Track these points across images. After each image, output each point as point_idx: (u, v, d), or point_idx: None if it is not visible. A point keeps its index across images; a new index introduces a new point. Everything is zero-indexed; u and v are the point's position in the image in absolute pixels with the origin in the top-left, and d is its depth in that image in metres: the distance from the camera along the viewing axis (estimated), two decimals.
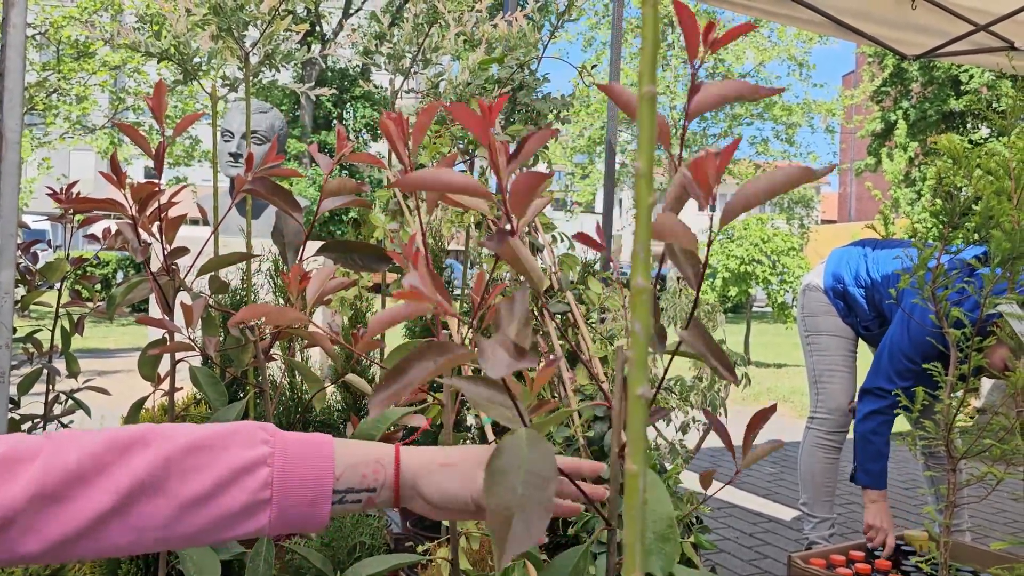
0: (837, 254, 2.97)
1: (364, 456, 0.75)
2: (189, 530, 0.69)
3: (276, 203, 1.26)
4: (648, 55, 0.35)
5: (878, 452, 2.47)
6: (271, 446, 0.71)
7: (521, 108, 2.05)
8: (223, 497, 0.69)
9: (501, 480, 0.60)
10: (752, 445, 0.86)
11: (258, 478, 0.70)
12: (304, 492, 0.72)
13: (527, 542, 0.55)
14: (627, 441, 0.33)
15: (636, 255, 0.36)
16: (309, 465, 0.72)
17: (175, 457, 0.68)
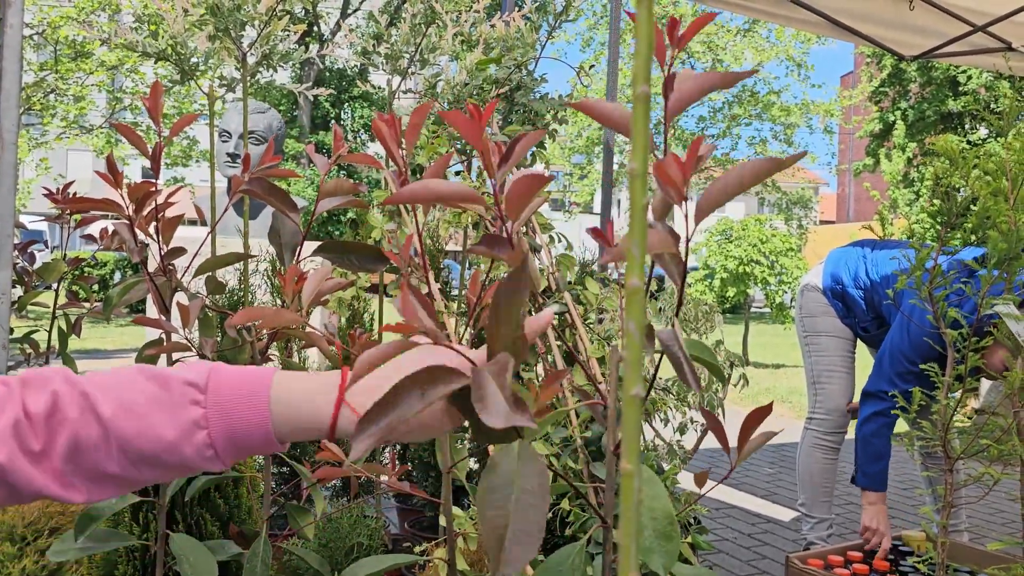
0: (836, 255, 2.97)
1: (305, 413, 0.73)
2: (144, 479, 0.73)
3: (273, 203, 1.26)
4: (642, 56, 0.35)
5: (878, 454, 2.47)
6: (202, 405, 0.72)
7: (519, 108, 2.05)
8: (166, 460, 0.71)
9: (493, 498, 0.58)
10: (748, 443, 0.86)
11: (197, 441, 0.71)
12: (248, 441, 0.72)
13: (520, 563, 0.54)
14: (622, 440, 0.33)
15: (631, 255, 0.35)
16: (245, 421, 0.72)
17: (110, 422, 0.70)
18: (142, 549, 1.40)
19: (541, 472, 0.59)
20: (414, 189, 0.80)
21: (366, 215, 2.34)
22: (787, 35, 17.15)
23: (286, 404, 0.73)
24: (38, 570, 1.52)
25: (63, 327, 2.28)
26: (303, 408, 0.73)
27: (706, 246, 10.36)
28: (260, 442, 0.73)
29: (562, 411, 0.95)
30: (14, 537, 1.56)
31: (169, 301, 1.31)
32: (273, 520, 2.28)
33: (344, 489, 2.65)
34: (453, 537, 1.00)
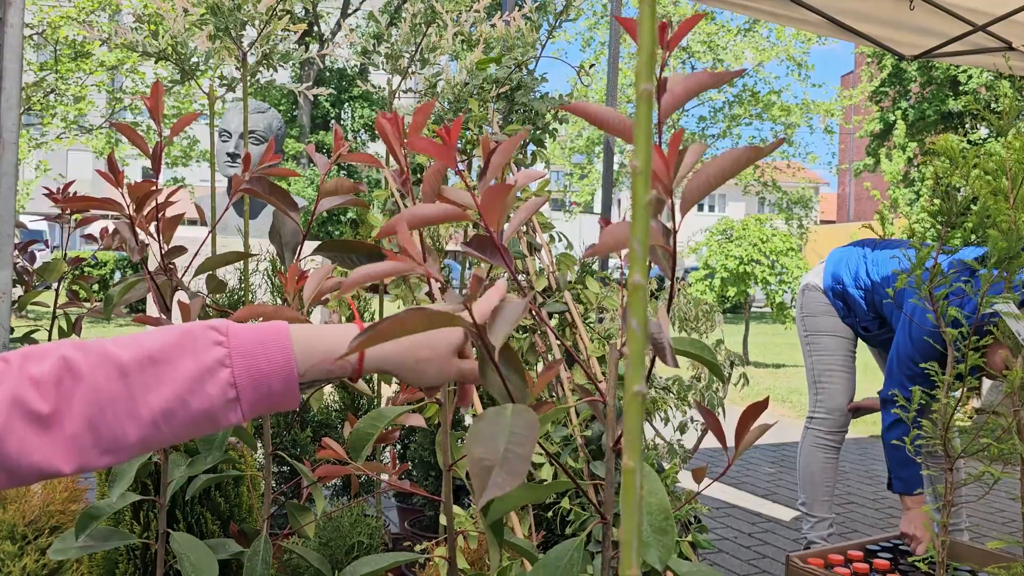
0: (836, 254, 2.97)
1: (327, 350, 0.76)
2: (165, 438, 0.71)
3: (273, 202, 1.26)
4: (645, 54, 0.35)
5: (906, 458, 2.46)
6: (226, 346, 0.72)
7: (519, 108, 2.05)
8: (191, 405, 0.70)
9: (482, 439, 0.61)
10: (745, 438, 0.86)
11: (220, 380, 0.71)
12: (272, 382, 0.73)
13: (506, 487, 0.56)
14: (623, 437, 0.33)
15: (633, 252, 0.36)
16: (269, 361, 0.73)
17: (132, 369, 0.69)
18: (143, 548, 1.40)
19: (532, 420, 0.62)
20: (404, 218, 0.81)
21: (366, 215, 2.34)
22: (787, 35, 17.14)
23: (306, 341, 0.75)
24: (39, 569, 1.52)
25: (63, 326, 2.29)
26: (324, 343, 0.76)
27: (706, 245, 10.36)
28: (282, 382, 0.73)
29: (562, 408, 0.95)
30: (15, 535, 1.56)
31: (170, 300, 1.31)
32: (273, 519, 2.28)
33: (344, 488, 2.66)
34: (453, 535, 1.00)
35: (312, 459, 2.20)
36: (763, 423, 0.90)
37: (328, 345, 0.76)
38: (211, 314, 1.37)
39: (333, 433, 2.42)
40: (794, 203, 19.50)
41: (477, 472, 0.60)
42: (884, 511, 3.88)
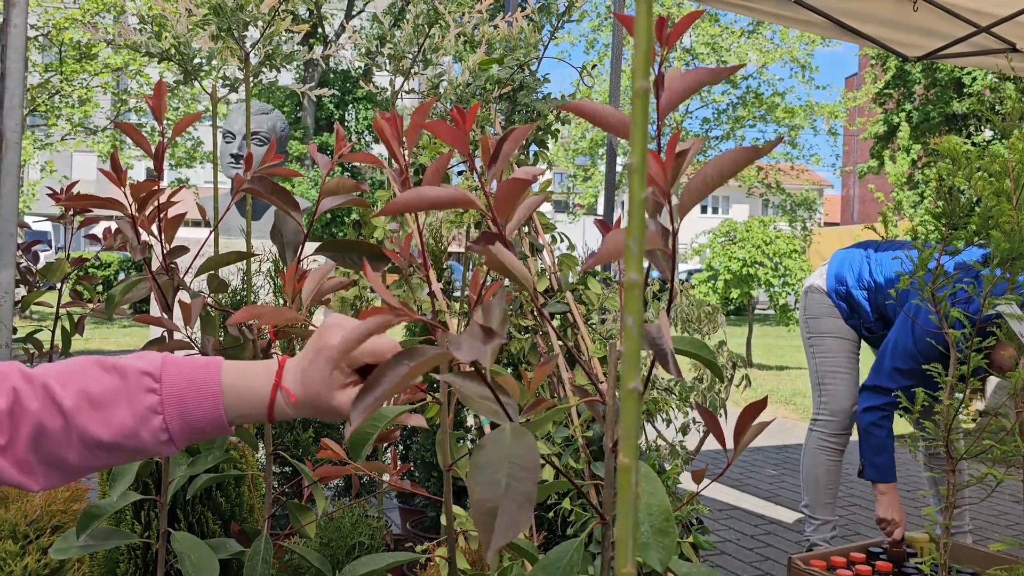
0: (840, 256, 2.97)
1: (249, 398, 0.81)
2: (104, 464, 0.79)
3: (275, 202, 1.26)
4: (641, 51, 0.35)
5: (881, 445, 2.47)
6: (158, 393, 0.78)
7: (521, 109, 2.05)
8: (125, 445, 0.77)
9: (484, 474, 0.60)
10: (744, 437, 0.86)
11: (152, 427, 0.77)
12: (202, 425, 0.79)
13: (512, 533, 0.56)
14: (620, 435, 0.33)
15: (629, 250, 0.36)
16: (199, 408, 0.79)
17: (71, 413, 0.75)
18: (144, 547, 1.40)
19: (531, 447, 0.61)
20: (408, 198, 0.81)
21: (368, 216, 2.34)
22: (791, 37, 17.12)
23: (234, 390, 0.80)
24: (40, 568, 1.53)
25: (67, 326, 2.29)
26: (249, 394, 0.81)
27: (710, 247, 10.35)
28: (212, 427, 0.80)
29: (563, 407, 0.95)
30: (16, 535, 1.56)
31: (171, 300, 1.32)
32: (274, 519, 2.29)
33: (346, 489, 2.66)
34: (453, 535, 1.00)
35: (313, 459, 2.21)
36: (762, 421, 0.90)
37: (255, 390, 0.81)
38: (213, 314, 1.37)
39: (335, 433, 2.42)
40: (798, 205, 19.47)
41: (480, 519, 0.58)
42: None
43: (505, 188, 0.74)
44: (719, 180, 0.68)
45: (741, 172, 7.80)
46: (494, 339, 0.62)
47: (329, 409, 0.81)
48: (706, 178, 0.68)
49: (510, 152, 0.85)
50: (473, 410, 0.69)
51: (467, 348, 0.60)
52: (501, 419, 0.70)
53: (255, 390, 0.81)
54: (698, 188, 0.68)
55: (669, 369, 0.67)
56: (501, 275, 0.74)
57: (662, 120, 0.72)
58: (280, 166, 1.36)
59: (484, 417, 1.76)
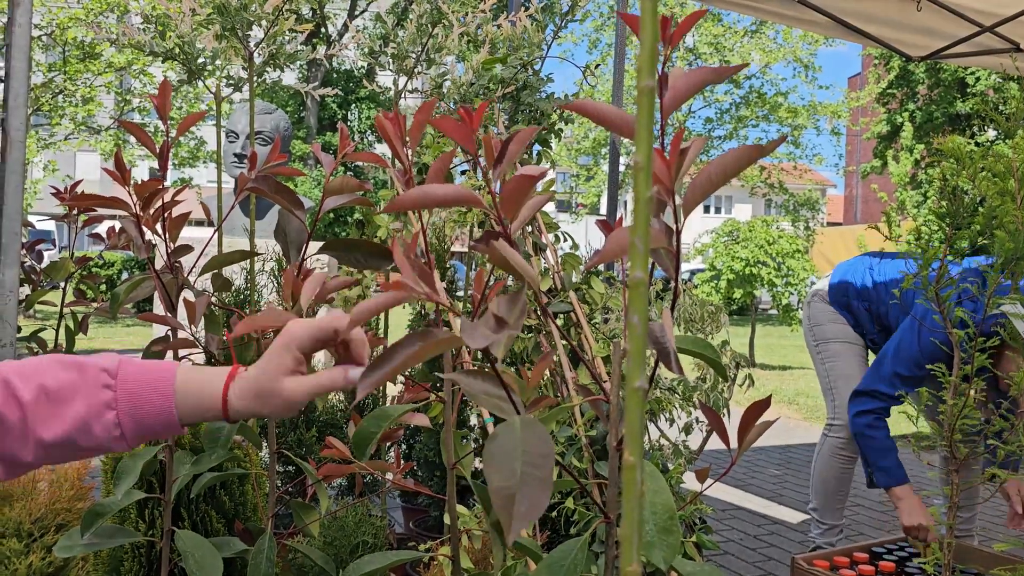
0: (842, 267, 2.95)
1: (201, 400, 0.83)
2: (59, 460, 0.81)
3: (279, 201, 1.26)
4: (647, 50, 0.35)
5: (883, 447, 2.44)
6: (113, 389, 0.80)
7: (524, 108, 2.05)
8: (79, 440, 0.79)
9: (499, 464, 0.61)
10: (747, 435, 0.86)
11: (106, 421, 0.79)
12: (152, 423, 0.81)
13: (532, 516, 0.56)
14: (625, 433, 0.33)
15: (634, 248, 0.36)
16: (151, 406, 0.81)
17: (29, 406, 0.78)
18: (148, 545, 1.41)
19: (543, 435, 0.62)
20: (412, 195, 0.81)
21: (372, 214, 2.34)
22: (794, 36, 17.11)
23: (186, 388, 0.82)
24: (44, 566, 1.53)
25: (70, 325, 2.29)
26: (200, 392, 0.83)
27: (712, 247, 10.34)
28: (163, 424, 0.82)
29: (567, 407, 0.95)
30: (20, 533, 1.56)
31: (176, 298, 1.32)
32: (278, 518, 2.29)
33: (349, 488, 2.66)
34: (457, 534, 1.00)
35: (317, 458, 2.21)
36: (766, 420, 0.90)
37: (203, 394, 0.83)
38: (217, 312, 1.37)
39: (338, 432, 2.42)
40: (801, 205, 19.45)
41: (500, 504, 0.59)
42: (890, 513, 3.87)
43: (511, 186, 0.74)
44: (723, 179, 0.68)
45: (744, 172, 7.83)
46: (507, 329, 0.62)
47: (273, 394, 0.81)
48: (710, 176, 0.68)
49: (515, 153, 0.85)
50: (479, 406, 0.70)
51: (480, 336, 0.60)
52: (508, 414, 0.71)
53: (207, 388, 0.82)
54: (702, 186, 0.68)
55: (672, 367, 0.67)
56: (506, 273, 0.74)
57: (666, 119, 0.72)
58: (284, 165, 1.36)
59: (487, 416, 1.76)
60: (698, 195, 0.67)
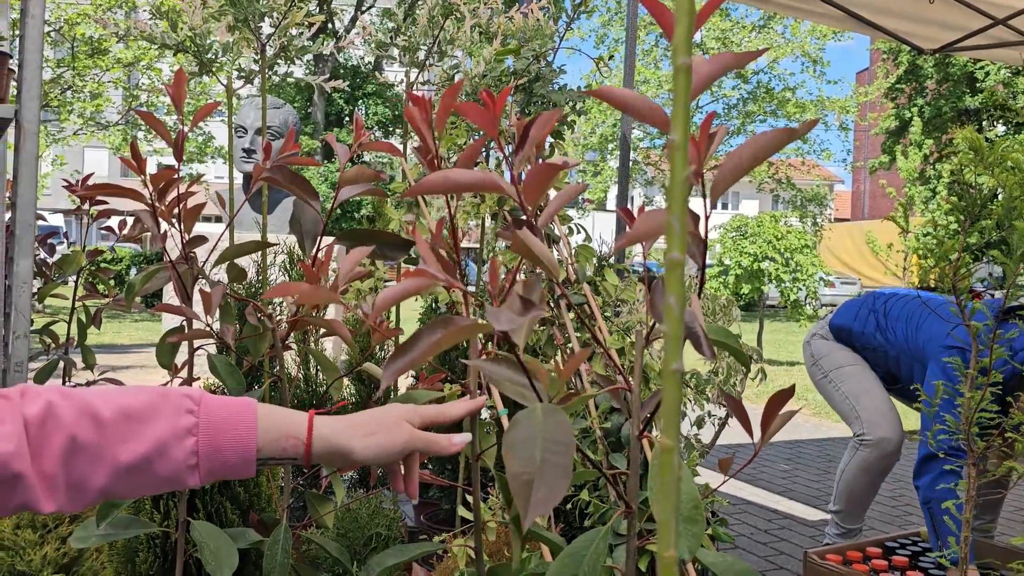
0: (844, 308, 2.86)
1: (283, 430, 0.82)
2: (127, 490, 0.76)
3: (294, 191, 1.25)
4: (683, 28, 0.35)
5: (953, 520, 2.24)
6: (196, 415, 0.78)
7: (537, 100, 2.04)
8: (154, 465, 0.76)
9: (518, 450, 0.60)
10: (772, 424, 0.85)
11: (185, 447, 0.77)
12: (229, 456, 0.79)
13: (550, 503, 0.56)
14: (662, 416, 0.33)
15: (671, 228, 0.35)
16: (233, 435, 0.79)
17: (109, 425, 0.74)
18: (163, 536, 1.41)
19: (564, 423, 0.61)
20: (435, 179, 0.80)
21: (383, 208, 2.33)
22: (803, 31, 17.04)
23: (268, 420, 0.81)
24: (59, 557, 1.53)
25: (83, 319, 2.29)
26: (284, 422, 0.82)
27: (720, 243, 10.31)
28: (238, 458, 0.79)
29: (585, 397, 0.94)
30: (35, 524, 1.56)
31: (191, 289, 1.31)
32: (291, 510, 2.29)
33: (361, 481, 2.66)
34: (480, 526, 1.00)
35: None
36: (788, 410, 0.89)
37: (287, 425, 0.82)
38: (231, 303, 1.37)
39: None
40: (808, 201, 19.39)
41: (518, 489, 0.59)
42: (902, 508, 3.85)
43: (535, 173, 0.74)
44: (753, 163, 0.67)
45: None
46: (532, 311, 0.62)
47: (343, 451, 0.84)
48: (740, 160, 0.67)
49: (537, 137, 0.84)
50: (503, 393, 0.69)
51: (505, 319, 0.60)
52: (529, 401, 0.70)
53: (288, 422, 0.82)
54: (732, 171, 0.67)
55: (703, 351, 0.66)
56: (527, 261, 0.73)
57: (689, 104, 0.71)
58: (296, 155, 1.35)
59: (502, 408, 1.76)
60: (729, 179, 0.66)
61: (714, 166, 0.70)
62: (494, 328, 0.59)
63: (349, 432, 0.84)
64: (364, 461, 0.85)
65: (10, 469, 0.69)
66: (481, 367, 0.74)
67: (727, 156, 0.68)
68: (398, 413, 0.86)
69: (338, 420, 0.86)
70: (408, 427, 0.85)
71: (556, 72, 2.04)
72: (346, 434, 0.84)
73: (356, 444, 0.83)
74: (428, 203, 2.02)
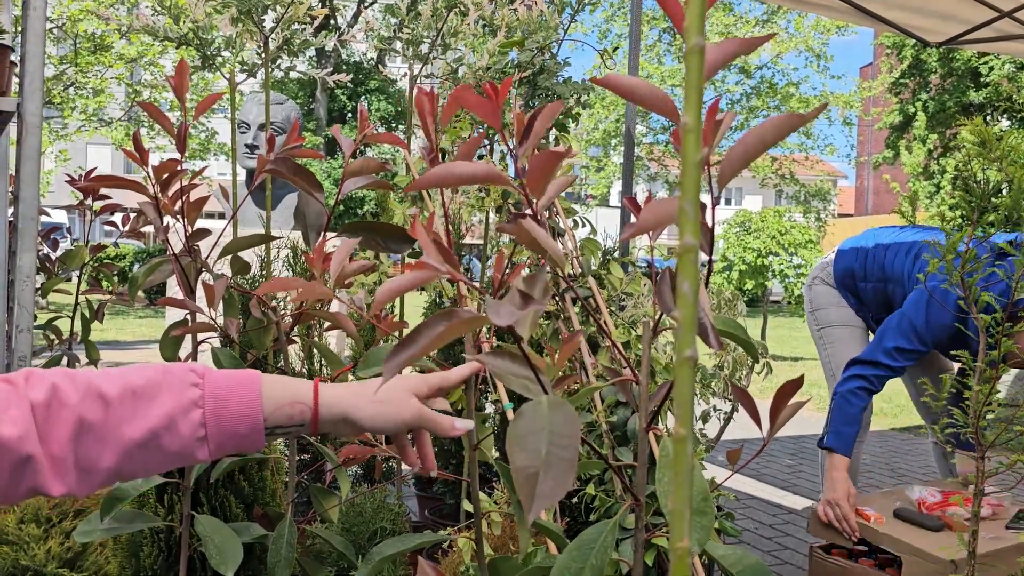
0: (848, 247, 2.91)
1: (289, 396, 0.82)
2: (138, 468, 0.76)
3: (298, 183, 1.25)
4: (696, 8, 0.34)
5: (854, 417, 2.41)
6: (201, 388, 0.78)
7: (541, 92, 2.03)
8: (163, 440, 0.75)
9: (523, 443, 0.60)
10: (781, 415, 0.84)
11: (192, 420, 0.76)
12: (237, 426, 0.78)
13: (554, 496, 0.55)
14: (676, 404, 0.32)
15: (684, 213, 0.34)
16: (238, 405, 0.78)
17: (115, 403, 0.74)
18: (167, 530, 1.40)
19: (571, 416, 0.60)
20: (438, 173, 0.79)
21: (386, 201, 2.33)
22: (806, 26, 17.00)
23: (271, 388, 0.81)
24: (63, 551, 1.53)
25: (86, 314, 2.29)
26: (287, 390, 0.82)
27: (724, 238, 10.30)
28: (247, 427, 0.79)
29: (589, 389, 0.93)
30: (39, 519, 1.56)
31: (194, 282, 1.31)
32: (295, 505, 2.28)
33: (365, 476, 2.65)
34: (480, 517, 0.99)
35: (336, 442, 2.20)
36: (797, 402, 0.88)
37: (291, 392, 0.82)
38: (235, 296, 1.36)
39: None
40: (812, 196, 19.36)
41: (522, 482, 0.58)
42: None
43: (538, 162, 0.73)
44: (760, 148, 0.66)
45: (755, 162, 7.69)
46: (533, 304, 0.61)
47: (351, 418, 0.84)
48: (747, 147, 0.66)
49: (542, 130, 0.84)
50: (506, 386, 0.68)
51: (506, 313, 0.59)
52: (534, 394, 0.69)
53: (291, 389, 0.82)
54: (739, 157, 0.66)
55: (710, 343, 0.65)
56: (532, 251, 0.72)
57: None
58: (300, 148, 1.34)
59: (507, 403, 1.75)
60: (736, 166, 0.65)
61: (717, 161, 0.69)
62: (493, 322, 0.59)
63: (355, 399, 0.83)
64: (370, 429, 0.84)
65: (20, 451, 0.69)
66: (485, 361, 0.74)
67: (736, 143, 0.68)
68: (407, 384, 0.86)
69: (345, 387, 0.85)
70: (416, 402, 0.85)
71: (560, 64, 2.03)
72: (353, 401, 0.83)
73: (363, 412, 0.83)
74: (432, 197, 2.01)
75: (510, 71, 1.98)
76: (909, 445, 5.13)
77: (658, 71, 17.39)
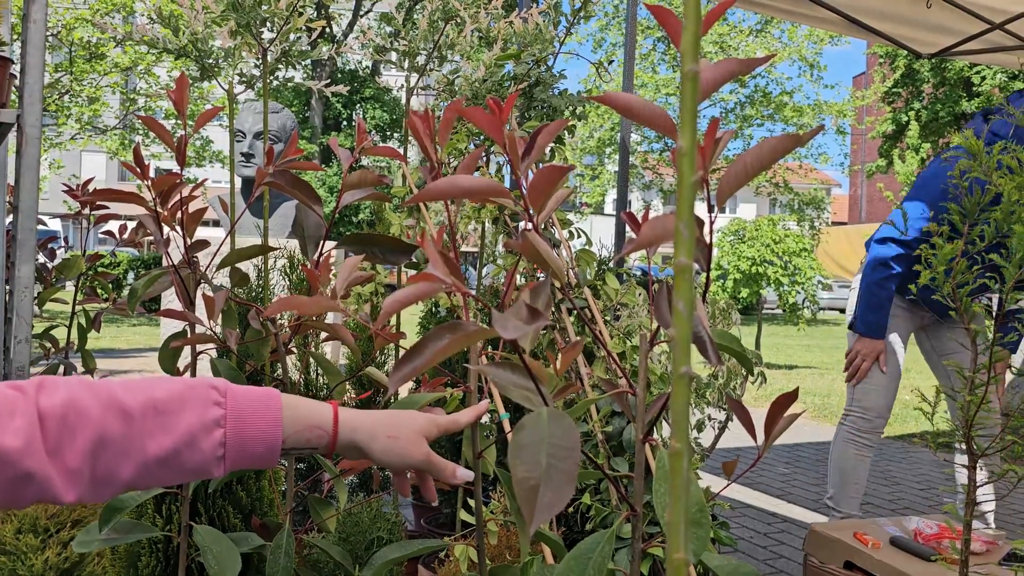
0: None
1: (308, 420, 0.82)
2: (153, 482, 0.76)
3: (296, 195, 1.26)
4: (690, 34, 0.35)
5: (880, 305, 2.48)
6: (223, 407, 0.78)
7: (537, 105, 2.04)
8: (183, 457, 0.75)
9: (524, 454, 0.61)
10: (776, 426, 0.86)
11: (213, 439, 0.76)
12: (255, 447, 0.79)
13: (555, 508, 0.56)
14: (672, 419, 0.33)
15: (680, 234, 0.35)
16: (259, 426, 0.79)
17: (137, 417, 0.73)
18: (165, 541, 1.41)
19: (570, 428, 0.62)
20: (442, 185, 0.80)
21: (383, 212, 2.34)
22: (799, 36, 17.08)
23: (292, 410, 0.81)
24: (61, 562, 1.53)
25: (83, 323, 2.30)
26: (307, 413, 0.82)
27: (718, 246, 10.32)
28: (265, 448, 0.79)
29: (587, 402, 0.94)
30: (37, 529, 1.56)
31: (193, 293, 1.32)
32: (293, 514, 2.28)
33: (361, 485, 2.66)
34: (482, 524, 1.00)
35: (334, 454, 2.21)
36: (792, 413, 0.90)
37: (311, 416, 0.83)
38: (233, 307, 1.37)
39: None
40: (806, 204, 19.41)
41: (524, 493, 0.60)
42: (900, 512, 3.86)
43: (540, 177, 0.74)
44: (758, 168, 0.67)
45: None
46: (539, 319, 0.62)
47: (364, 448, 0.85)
48: (746, 166, 0.67)
49: (544, 145, 0.85)
50: (508, 397, 0.69)
51: (513, 327, 0.60)
52: (535, 405, 0.70)
53: (311, 412, 0.83)
54: (737, 176, 0.68)
55: (708, 356, 0.67)
56: (536, 265, 0.73)
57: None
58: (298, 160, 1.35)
59: (503, 412, 1.76)
60: (734, 184, 0.67)
61: (715, 168, 0.70)
62: (501, 336, 0.60)
63: (372, 431, 0.85)
64: (379, 463, 0.86)
65: (20, 467, 0.67)
66: (486, 372, 0.75)
67: (731, 163, 0.69)
68: (419, 427, 0.88)
69: (363, 415, 0.86)
70: (426, 447, 0.88)
71: (556, 77, 2.05)
72: (370, 432, 0.85)
73: (376, 445, 0.85)
74: (428, 207, 2.02)
75: (506, 83, 1.99)
76: (903, 453, 5.15)
77: (652, 79, 17.45)
